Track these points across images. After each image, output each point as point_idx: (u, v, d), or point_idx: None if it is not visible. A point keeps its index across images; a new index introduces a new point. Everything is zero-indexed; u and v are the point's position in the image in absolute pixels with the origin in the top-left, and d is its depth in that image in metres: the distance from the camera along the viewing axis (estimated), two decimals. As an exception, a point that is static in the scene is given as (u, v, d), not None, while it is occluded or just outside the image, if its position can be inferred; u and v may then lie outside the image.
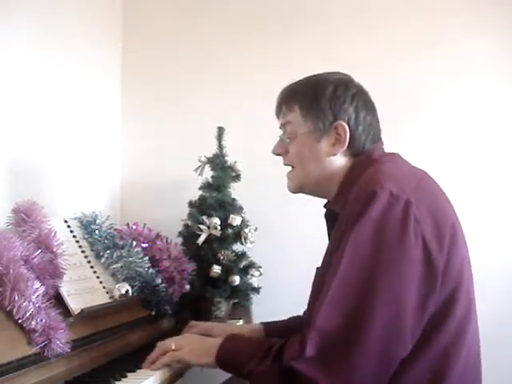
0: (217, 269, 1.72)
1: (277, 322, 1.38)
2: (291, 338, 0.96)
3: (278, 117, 1.21)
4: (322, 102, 1.10)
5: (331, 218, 1.14)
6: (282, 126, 1.19)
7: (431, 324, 0.93)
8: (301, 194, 1.25)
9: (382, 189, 0.93)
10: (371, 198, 0.93)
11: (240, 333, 1.28)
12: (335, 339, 0.90)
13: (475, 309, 1.02)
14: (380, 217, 0.92)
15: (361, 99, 1.12)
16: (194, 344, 1.10)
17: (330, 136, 1.10)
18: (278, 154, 1.20)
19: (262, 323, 1.37)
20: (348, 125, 1.09)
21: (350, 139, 1.09)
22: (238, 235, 1.80)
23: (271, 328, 1.33)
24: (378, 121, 1.17)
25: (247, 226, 1.82)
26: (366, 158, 1.10)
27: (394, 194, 0.93)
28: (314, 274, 1.15)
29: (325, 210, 1.22)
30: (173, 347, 1.08)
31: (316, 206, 1.26)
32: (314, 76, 1.16)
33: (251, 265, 1.82)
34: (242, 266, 1.81)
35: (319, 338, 0.90)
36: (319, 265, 1.14)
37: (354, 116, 1.10)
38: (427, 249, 0.92)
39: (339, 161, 1.12)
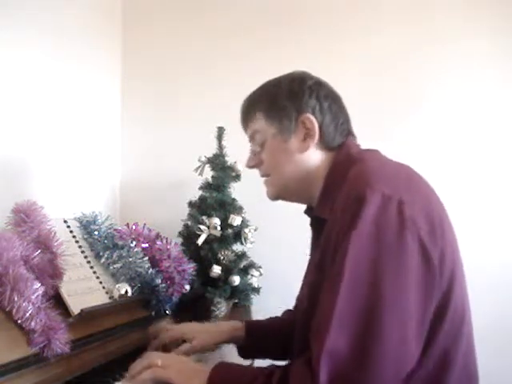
0: (217, 269, 1.72)
1: (258, 321, 1.34)
2: (295, 365, 0.90)
3: (245, 131, 1.19)
4: (280, 100, 1.07)
5: (318, 224, 1.08)
6: (251, 138, 1.16)
7: (430, 326, 0.90)
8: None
9: (373, 190, 0.88)
10: (363, 203, 0.87)
11: (219, 332, 1.26)
12: (348, 361, 0.84)
13: (469, 307, 1.01)
14: (375, 222, 0.86)
15: (320, 89, 1.08)
16: (183, 364, 1.02)
17: (299, 132, 1.07)
18: (253, 167, 1.18)
19: (243, 321, 1.31)
20: (314, 117, 1.06)
21: (319, 131, 1.06)
22: (238, 235, 1.81)
23: (252, 326, 1.29)
24: (344, 111, 1.12)
25: (247, 226, 1.82)
26: (346, 157, 1.05)
27: (386, 194, 0.88)
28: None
29: (309, 218, 1.17)
30: (159, 364, 1.00)
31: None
32: (268, 81, 1.14)
33: (251, 265, 1.82)
34: (241, 265, 1.81)
35: (331, 362, 0.84)
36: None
37: (318, 107, 1.06)
38: (424, 249, 0.88)
39: (314, 156, 1.07)
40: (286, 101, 1.07)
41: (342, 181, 0.98)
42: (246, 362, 1.30)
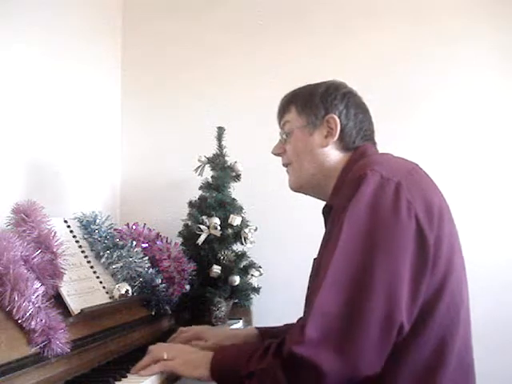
0: (217, 269, 1.72)
1: (272, 327, 1.36)
2: (292, 329, 0.95)
3: (279, 123, 1.27)
4: (314, 99, 1.19)
5: (327, 212, 1.16)
6: (282, 128, 1.26)
7: (425, 309, 0.93)
8: (301, 194, 1.25)
9: (373, 171, 0.96)
10: (362, 180, 0.96)
11: (234, 336, 1.29)
12: (336, 319, 0.88)
13: (467, 297, 1.03)
14: (372, 196, 0.94)
15: (351, 99, 1.20)
16: (187, 355, 1.08)
17: (322, 129, 1.17)
18: (278, 154, 1.26)
19: (257, 328, 1.34)
20: (339, 119, 1.16)
21: (340, 132, 1.16)
22: (238, 235, 1.81)
23: (266, 332, 1.31)
24: (370, 122, 1.23)
25: (247, 225, 1.82)
26: (360, 155, 1.14)
27: (385, 176, 0.96)
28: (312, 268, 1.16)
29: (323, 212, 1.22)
30: (165, 357, 1.06)
31: (316, 206, 1.26)
32: (312, 83, 1.24)
33: (251, 265, 1.82)
34: (241, 265, 1.81)
35: (320, 319, 0.89)
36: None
37: (345, 112, 1.17)
38: (420, 225, 0.93)
39: (332, 154, 1.17)
40: (318, 100, 1.19)
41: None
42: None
